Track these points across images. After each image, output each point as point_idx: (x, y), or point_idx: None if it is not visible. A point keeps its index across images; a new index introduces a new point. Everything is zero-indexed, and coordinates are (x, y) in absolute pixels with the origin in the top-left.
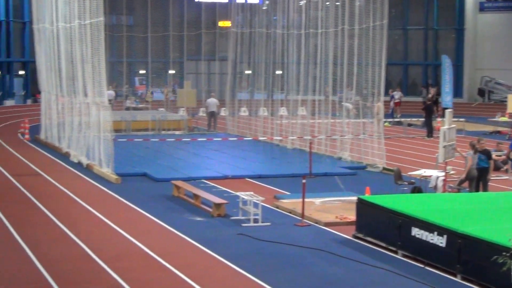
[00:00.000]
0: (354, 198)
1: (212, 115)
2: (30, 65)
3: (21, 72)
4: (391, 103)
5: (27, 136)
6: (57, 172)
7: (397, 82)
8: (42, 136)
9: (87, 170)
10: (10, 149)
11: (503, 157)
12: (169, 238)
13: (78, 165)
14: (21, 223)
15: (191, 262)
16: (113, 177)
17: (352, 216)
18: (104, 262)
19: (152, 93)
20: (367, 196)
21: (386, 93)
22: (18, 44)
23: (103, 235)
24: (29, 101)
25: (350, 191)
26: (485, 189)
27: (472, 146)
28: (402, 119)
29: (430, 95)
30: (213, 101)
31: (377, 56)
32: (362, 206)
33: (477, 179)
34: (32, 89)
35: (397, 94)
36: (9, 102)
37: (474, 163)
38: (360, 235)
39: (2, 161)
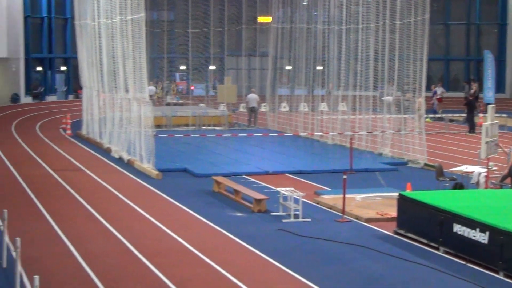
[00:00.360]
0: (395, 194)
1: (252, 110)
2: (72, 61)
3: (63, 68)
4: (434, 99)
5: (68, 132)
6: (98, 167)
7: (439, 78)
8: (83, 131)
9: (128, 165)
10: (52, 145)
11: None
12: (210, 234)
13: (119, 161)
14: (63, 218)
15: (232, 258)
16: (154, 172)
17: (393, 212)
18: (145, 257)
19: (177, 88)
20: (408, 192)
21: (429, 89)
22: (60, 40)
23: (144, 230)
24: (70, 97)
25: (391, 187)
26: None
27: None
28: (444, 115)
29: (472, 91)
30: (253, 96)
31: (419, 51)
32: (403, 202)
33: None
34: (73, 84)
35: (439, 90)
36: (51, 98)
37: None
38: (401, 232)
39: (44, 156)
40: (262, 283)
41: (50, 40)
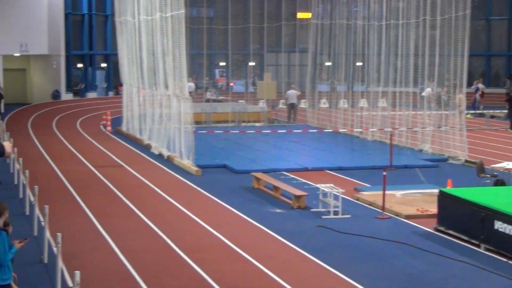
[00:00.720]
0: (436, 190)
1: (292, 106)
2: (112, 58)
3: (103, 65)
4: (476, 95)
5: (109, 128)
6: (139, 163)
7: (480, 73)
8: (123, 128)
9: (168, 162)
10: (93, 141)
11: None
12: (249, 230)
13: (159, 157)
14: (103, 214)
15: (271, 254)
16: (193, 168)
17: (433, 209)
18: (185, 253)
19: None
20: (449, 189)
21: (470, 85)
22: (101, 37)
23: (184, 226)
24: (111, 93)
25: (431, 183)
26: None
27: None
28: (485, 111)
29: None
30: (293, 92)
31: (459, 46)
32: (444, 198)
33: None
34: (114, 81)
35: (480, 86)
36: (91, 95)
37: None
38: (442, 228)
39: (84, 152)
40: (301, 280)
41: (90, 37)
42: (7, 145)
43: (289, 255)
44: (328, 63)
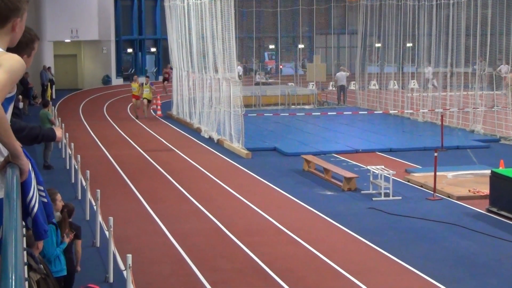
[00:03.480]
0: (488, 171)
1: (341, 89)
2: (161, 42)
3: (153, 49)
4: None
5: (159, 112)
6: (189, 147)
7: None
8: (173, 112)
9: (218, 145)
10: (143, 125)
11: None
12: (300, 212)
13: (209, 141)
14: (154, 197)
15: (322, 237)
16: (243, 152)
17: (485, 190)
18: (236, 236)
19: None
20: (501, 169)
21: None
22: (150, 21)
23: (235, 209)
24: (161, 78)
25: (483, 164)
26: None
27: None
28: None
29: None
30: (342, 74)
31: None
32: (496, 179)
33: None
34: (163, 65)
35: None
36: (141, 79)
37: None
38: (494, 209)
39: (135, 137)
40: (352, 262)
41: (140, 22)
42: (58, 130)
43: (339, 237)
44: (378, 45)
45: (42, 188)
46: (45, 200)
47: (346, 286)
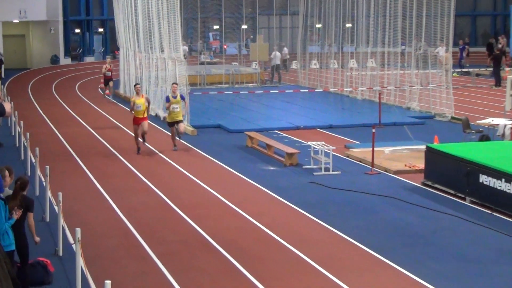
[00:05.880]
0: (423, 146)
1: (276, 68)
2: (108, 23)
3: (100, 30)
4: (463, 54)
5: (107, 91)
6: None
7: (466, 33)
8: (121, 90)
9: (164, 123)
10: (91, 104)
11: None
12: (244, 187)
13: (156, 118)
14: (102, 174)
15: (265, 210)
16: (189, 129)
17: (420, 164)
18: (181, 210)
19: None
20: (436, 145)
21: (456, 44)
22: (97, 2)
23: (181, 184)
24: (108, 58)
25: (418, 140)
26: None
27: None
28: (470, 69)
29: (500, 45)
30: (276, 54)
31: (446, 6)
32: (431, 154)
33: None
34: (111, 46)
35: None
36: (89, 59)
37: None
38: (429, 183)
39: (84, 115)
40: (294, 234)
41: (87, 3)
42: (7, 105)
43: (282, 211)
44: (318, 25)
45: None
46: None
47: (288, 257)
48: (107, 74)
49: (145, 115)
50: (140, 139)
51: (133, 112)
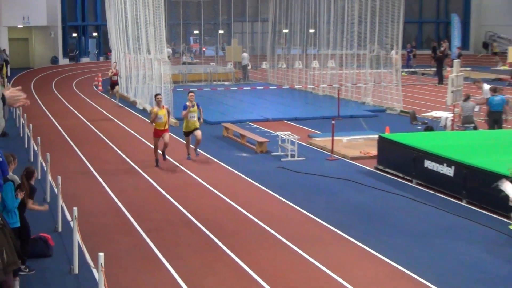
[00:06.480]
0: (376, 136)
1: (244, 67)
2: (102, 28)
3: (95, 34)
4: (410, 56)
5: (100, 88)
6: (126, 117)
7: (413, 38)
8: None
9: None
10: (86, 99)
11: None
12: (220, 171)
13: (143, 111)
14: (97, 160)
15: (239, 192)
16: (172, 121)
17: (374, 151)
18: (166, 191)
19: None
20: (387, 134)
21: (405, 47)
22: (92, 9)
23: (165, 169)
24: (101, 58)
25: (372, 130)
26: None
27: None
28: (417, 69)
29: (442, 48)
30: (245, 55)
31: (396, 15)
32: (383, 142)
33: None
34: (104, 48)
35: (412, 48)
36: (84, 59)
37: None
38: (381, 167)
39: (79, 108)
40: (264, 212)
41: (83, 10)
42: (5, 90)
43: (254, 192)
44: (285, 30)
45: None
46: (0, 159)
47: (259, 232)
48: (113, 78)
49: (166, 126)
50: (159, 151)
51: (153, 123)
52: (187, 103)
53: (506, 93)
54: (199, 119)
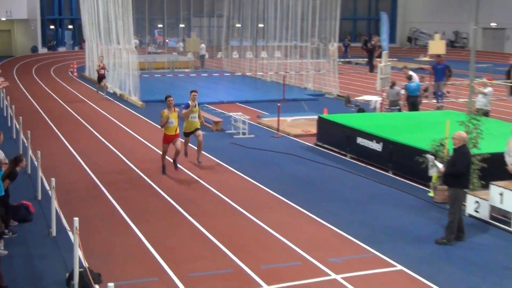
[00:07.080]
0: (315, 116)
1: (202, 57)
2: (76, 21)
3: (70, 26)
4: (346, 48)
5: (75, 74)
6: (98, 100)
7: (348, 32)
8: (86, 73)
9: (120, 98)
10: (63, 83)
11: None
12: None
13: (113, 95)
14: (73, 138)
15: (197, 164)
16: (139, 103)
17: (314, 130)
18: (134, 164)
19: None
20: (325, 115)
21: (341, 41)
22: (67, 4)
23: (132, 145)
24: (76, 48)
25: (312, 111)
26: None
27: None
28: (351, 60)
29: (373, 41)
30: (202, 46)
31: (333, 12)
32: (321, 122)
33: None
34: (78, 39)
35: (348, 41)
36: (61, 49)
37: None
38: (320, 144)
39: (57, 92)
40: (219, 182)
41: (59, 5)
42: None
43: (210, 165)
44: (238, 25)
45: None
46: None
47: (214, 199)
48: (100, 72)
49: (177, 131)
50: (169, 158)
51: (163, 128)
52: (189, 102)
53: (426, 80)
54: (198, 118)
